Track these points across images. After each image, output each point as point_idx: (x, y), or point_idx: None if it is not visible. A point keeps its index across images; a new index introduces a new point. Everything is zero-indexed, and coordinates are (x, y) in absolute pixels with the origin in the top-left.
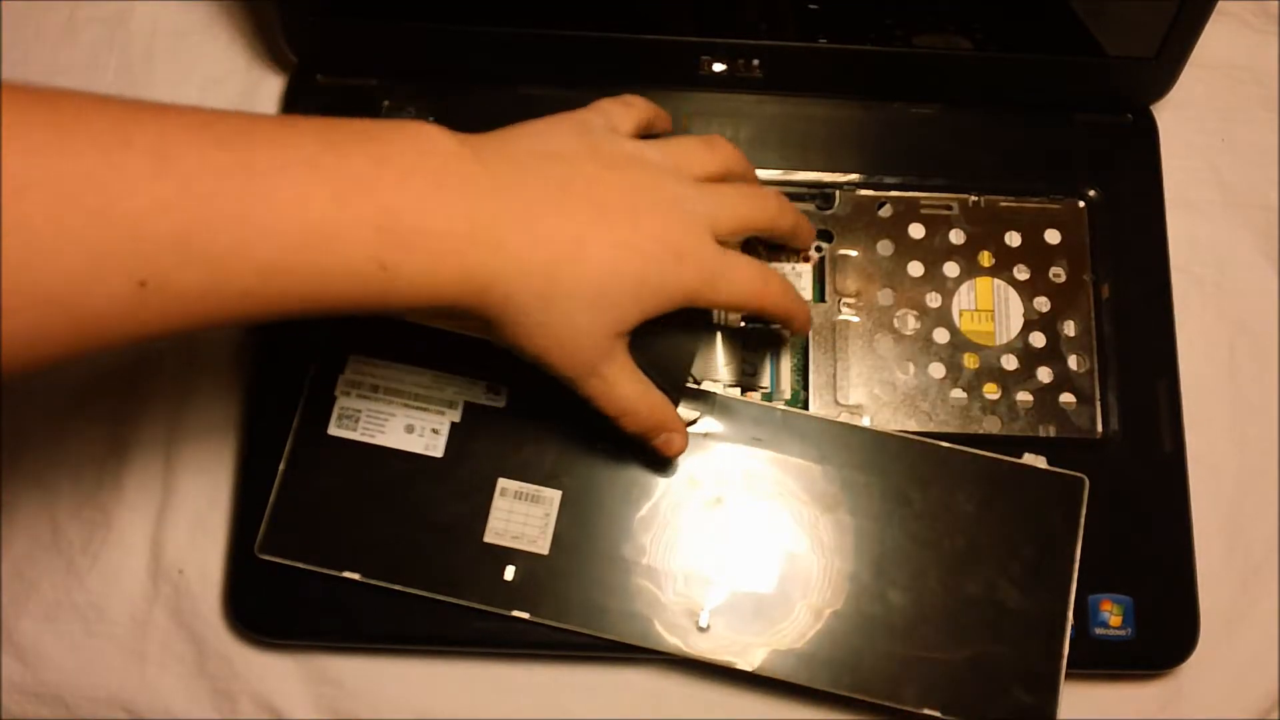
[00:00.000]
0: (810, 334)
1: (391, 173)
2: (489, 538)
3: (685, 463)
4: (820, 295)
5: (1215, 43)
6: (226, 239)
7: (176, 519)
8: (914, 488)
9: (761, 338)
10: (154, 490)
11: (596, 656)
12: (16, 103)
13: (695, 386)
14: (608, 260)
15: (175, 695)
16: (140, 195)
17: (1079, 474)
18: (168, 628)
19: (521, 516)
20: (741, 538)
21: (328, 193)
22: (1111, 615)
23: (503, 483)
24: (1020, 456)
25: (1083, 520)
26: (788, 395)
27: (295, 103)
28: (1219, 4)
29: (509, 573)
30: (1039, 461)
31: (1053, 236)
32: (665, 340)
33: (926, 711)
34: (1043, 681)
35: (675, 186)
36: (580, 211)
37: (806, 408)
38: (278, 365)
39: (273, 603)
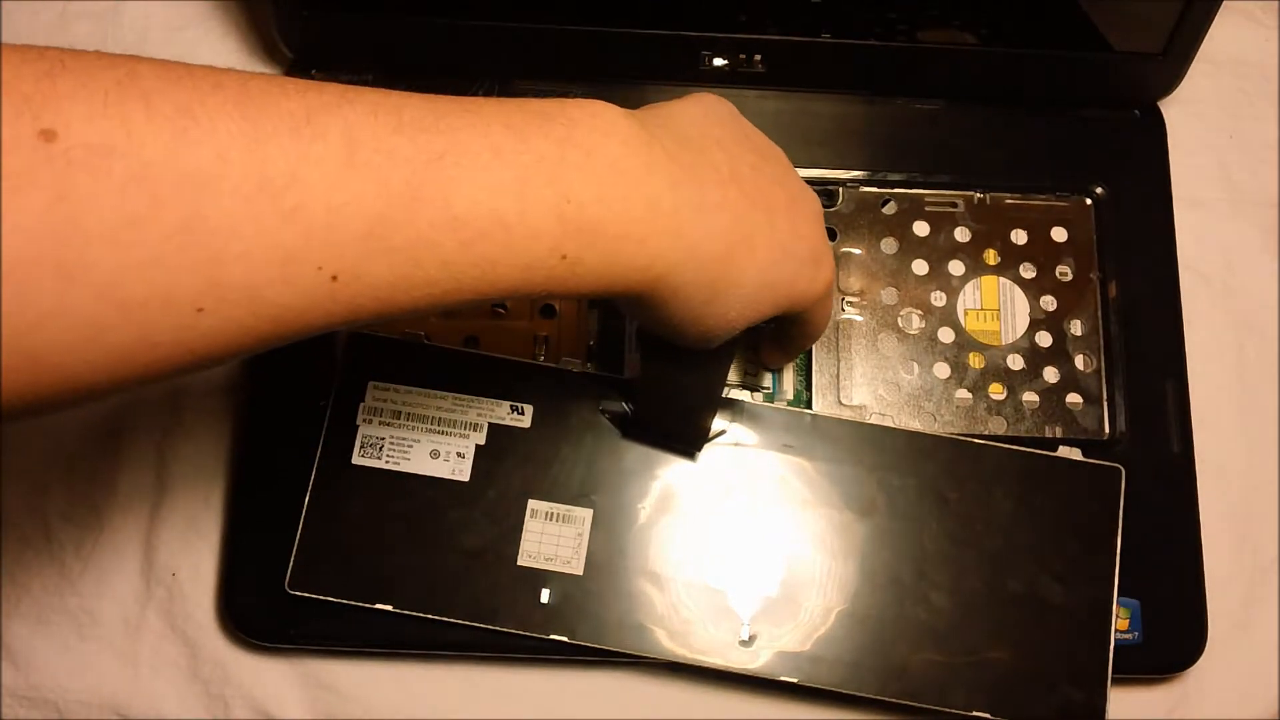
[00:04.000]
0: None
1: (575, 154)
2: (522, 561)
3: (717, 473)
4: None
5: (1223, 39)
6: (413, 231)
7: (169, 521)
8: (950, 487)
9: (761, 338)
10: (147, 492)
11: (597, 661)
12: (200, 86)
13: (723, 396)
14: (771, 261)
15: (168, 699)
16: (334, 191)
17: (1115, 464)
18: (161, 631)
19: (554, 537)
20: (778, 547)
21: (513, 181)
22: (1119, 619)
23: (533, 504)
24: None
25: (1121, 510)
26: (790, 396)
27: None
28: (1226, 0)
29: (545, 595)
30: (1074, 453)
31: (1059, 234)
32: (688, 383)
33: (975, 714)
34: (1091, 676)
35: (807, 188)
36: (750, 209)
37: (810, 408)
38: (273, 365)
39: (266, 606)
